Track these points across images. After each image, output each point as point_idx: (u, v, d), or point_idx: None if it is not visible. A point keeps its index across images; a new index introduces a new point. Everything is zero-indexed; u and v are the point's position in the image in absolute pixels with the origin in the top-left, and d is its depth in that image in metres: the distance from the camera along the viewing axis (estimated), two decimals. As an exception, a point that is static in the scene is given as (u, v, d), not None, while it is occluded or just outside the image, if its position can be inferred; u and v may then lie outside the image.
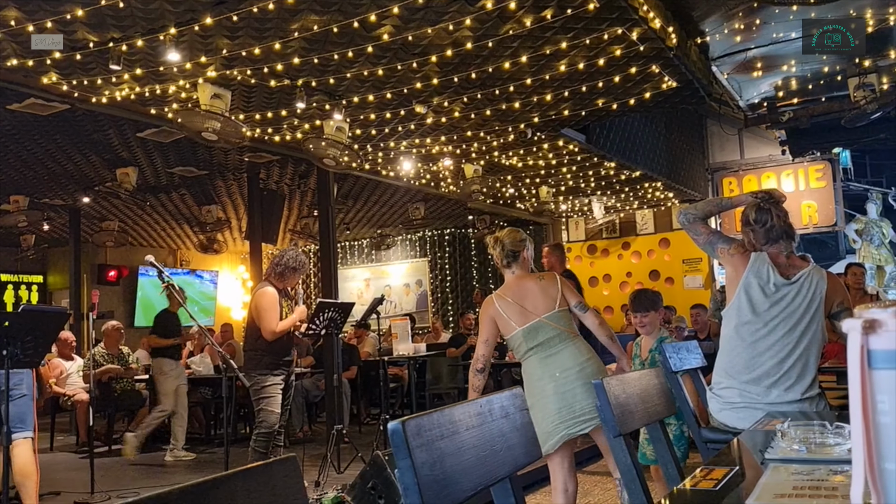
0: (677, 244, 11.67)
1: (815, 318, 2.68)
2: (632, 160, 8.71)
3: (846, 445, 1.49)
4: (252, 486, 0.81)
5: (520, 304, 3.46)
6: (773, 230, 2.77)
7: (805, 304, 2.68)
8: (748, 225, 2.84)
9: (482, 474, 1.30)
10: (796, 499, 1.17)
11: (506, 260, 3.57)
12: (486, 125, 6.89)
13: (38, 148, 7.38)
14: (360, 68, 5.28)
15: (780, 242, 2.77)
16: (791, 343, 2.67)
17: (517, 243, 3.56)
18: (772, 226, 2.78)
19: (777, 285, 2.70)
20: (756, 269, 2.74)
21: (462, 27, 4.67)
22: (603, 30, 4.85)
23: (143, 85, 5.46)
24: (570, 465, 3.45)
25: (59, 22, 4.36)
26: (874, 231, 13.48)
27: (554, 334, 3.42)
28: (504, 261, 3.58)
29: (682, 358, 3.16)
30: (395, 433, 1.13)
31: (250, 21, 4.48)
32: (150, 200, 10.13)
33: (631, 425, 1.91)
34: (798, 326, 2.67)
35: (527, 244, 3.61)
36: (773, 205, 2.82)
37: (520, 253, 3.56)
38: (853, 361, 0.76)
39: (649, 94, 6.17)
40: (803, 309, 2.68)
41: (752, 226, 2.81)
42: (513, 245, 3.55)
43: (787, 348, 2.67)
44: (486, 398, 1.45)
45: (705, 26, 6.08)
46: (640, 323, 4.12)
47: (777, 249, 2.78)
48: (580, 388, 3.33)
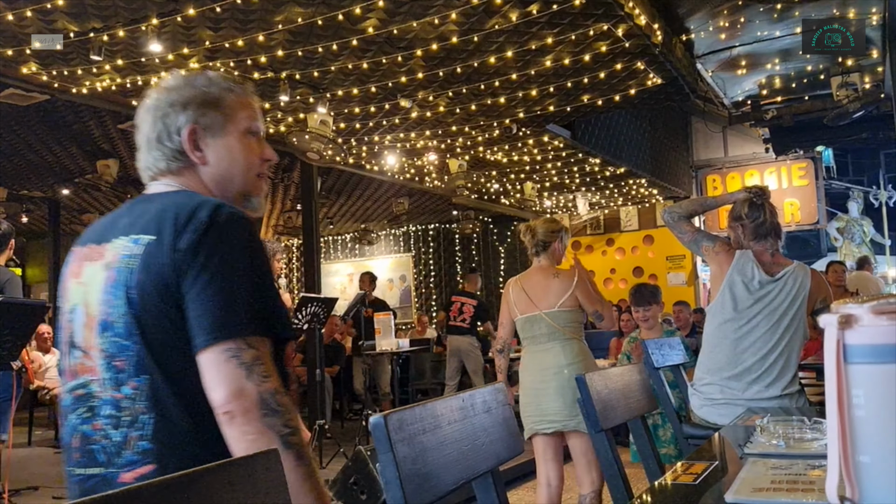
0: (661, 241, 11.74)
1: (797, 315, 2.70)
2: (616, 157, 8.74)
3: (824, 441, 1.51)
4: (233, 478, 0.81)
5: (528, 293, 3.49)
6: (763, 226, 2.78)
7: (788, 301, 2.70)
8: (739, 220, 2.83)
9: (464, 468, 1.30)
10: (774, 492, 1.18)
11: (535, 249, 3.59)
12: (472, 120, 6.88)
13: (18, 139, 7.29)
14: (345, 61, 5.26)
15: (767, 240, 2.78)
16: (773, 340, 2.69)
17: (550, 234, 3.56)
18: (762, 221, 2.78)
19: (761, 283, 2.72)
20: (741, 266, 2.75)
21: (447, 21, 4.66)
22: (589, 26, 4.86)
23: (124, 76, 5.40)
24: (554, 457, 3.45)
25: (39, 11, 4.30)
26: (855, 229, 13.62)
27: (547, 331, 3.43)
28: (533, 249, 3.60)
29: (665, 354, 3.18)
30: (377, 427, 1.13)
31: (234, 12, 4.44)
32: (132, 193, 10.05)
33: (613, 420, 1.92)
34: (781, 323, 2.69)
35: (561, 235, 3.60)
36: (766, 201, 2.83)
37: (551, 244, 3.57)
38: (829, 356, 0.77)
39: (634, 90, 6.19)
40: (786, 306, 2.69)
41: (743, 220, 2.81)
42: (545, 235, 3.56)
43: (768, 345, 2.68)
44: (468, 393, 1.45)
45: (690, 23, 6.10)
46: (642, 317, 4.15)
47: (762, 247, 2.78)
48: (553, 389, 3.35)
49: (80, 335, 1.25)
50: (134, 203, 1.33)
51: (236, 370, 1.13)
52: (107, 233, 1.28)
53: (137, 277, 1.18)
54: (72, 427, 1.24)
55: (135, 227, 1.24)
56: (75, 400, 1.24)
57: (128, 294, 1.18)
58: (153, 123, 1.34)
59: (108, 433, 1.19)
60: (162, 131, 1.33)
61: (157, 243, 1.19)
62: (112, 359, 1.20)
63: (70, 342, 1.27)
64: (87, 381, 1.23)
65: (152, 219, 1.22)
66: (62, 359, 1.30)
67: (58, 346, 1.36)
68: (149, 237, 1.20)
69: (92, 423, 1.21)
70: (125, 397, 1.18)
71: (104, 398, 1.20)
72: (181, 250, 1.17)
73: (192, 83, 1.36)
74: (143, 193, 1.36)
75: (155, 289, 1.17)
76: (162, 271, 1.17)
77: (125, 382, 1.18)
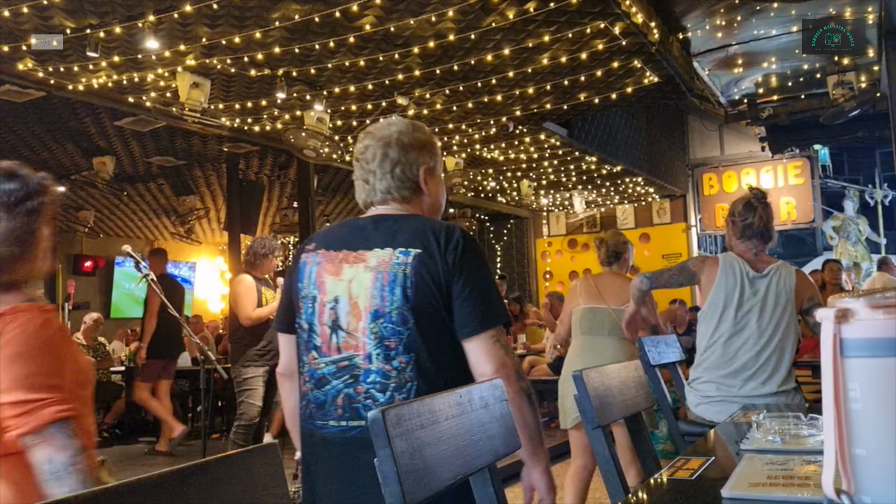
0: (657, 239, 11.76)
1: (786, 310, 2.74)
2: (613, 155, 8.75)
3: (819, 437, 1.51)
4: (232, 472, 0.81)
5: (598, 287, 3.78)
6: (750, 228, 2.84)
7: (776, 296, 2.74)
8: (731, 216, 2.91)
9: (461, 464, 1.31)
10: (770, 487, 1.18)
11: (608, 259, 3.91)
12: (468, 118, 6.88)
13: (13, 136, 7.27)
14: (342, 59, 5.25)
15: (752, 241, 2.85)
16: (766, 336, 2.71)
17: (620, 245, 3.91)
18: (750, 223, 2.84)
19: (749, 277, 2.76)
20: (728, 266, 2.81)
21: (445, 19, 4.66)
22: (585, 24, 4.86)
23: (120, 73, 5.39)
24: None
25: (35, 7, 4.29)
26: (851, 228, 13.67)
27: (609, 325, 3.67)
28: (607, 259, 3.92)
29: (661, 352, 3.19)
30: (375, 422, 1.13)
31: (230, 9, 4.44)
32: (128, 190, 10.02)
33: (609, 417, 1.93)
34: (772, 319, 2.72)
35: (629, 246, 3.96)
36: (762, 204, 2.87)
37: (622, 254, 3.89)
38: (826, 350, 0.78)
39: (631, 88, 6.20)
40: (774, 301, 2.73)
41: (735, 217, 2.88)
42: (616, 247, 3.90)
43: (761, 341, 2.71)
44: (465, 388, 1.45)
45: (687, 22, 6.11)
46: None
47: (745, 247, 2.86)
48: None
49: (345, 321, 1.62)
50: (374, 220, 1.71)
51: (500, 350, 1.60)
52: (359, 243, 1.66)
53: (412, 280, 1.58)
54: (335, 390, 1.61)
55: (396, 241, 1.63)
56: (339, 369, 1.62)
57: (405, 292, 1.58)
58: (395, 158, 1.71)
59: (373, 395, 1.58)
60: (405, 167, 1.71)
61: (427, 256, 1.60)
62: (383, 340, 1.58)
63: (332, 325, 1.63)
64: (351, 355, 1.61)
65: (412, 237, 1.63)
66: (312, 337, 1.66)
67: (301, 325, 1.69)
68: (416, 250, 1.60)
69: (355, 388, 1.60)
70: (393, 369, 1.58)
71: (368, 369, 1.59)
72: (449, 262, 1.59)
73: (421, 130, 1.77)
74: (380, 213, 1.73)
75: (429, 289, 1.58)
76: (435, 277, 1.58)
77: (395, 358, 1.58)
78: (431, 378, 1.58)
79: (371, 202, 1.75)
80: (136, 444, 7.29)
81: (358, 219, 1.76)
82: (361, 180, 1.75)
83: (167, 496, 0.73)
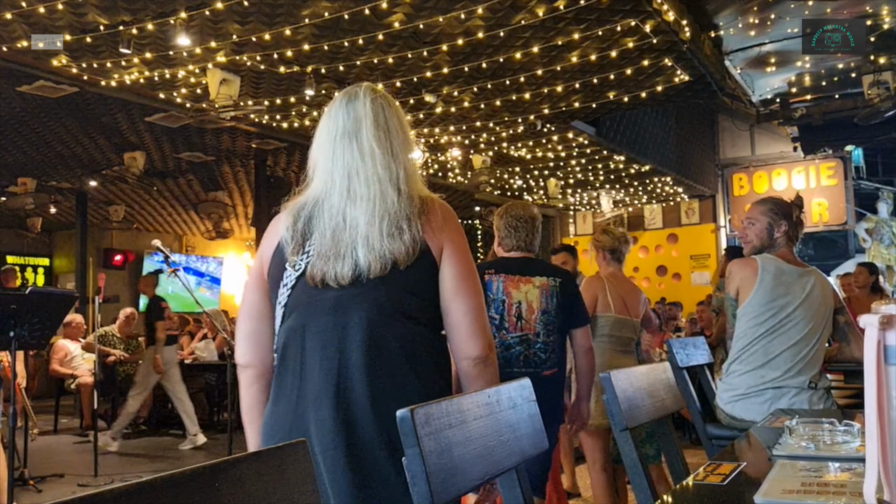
0: (685, 240, 11.64)
1: (824, 309, 2.77)
2: (641, 154, 8.67)
3: (854, 444, 1.49)
4: (262, 469, 0.81)
5: (622, 296, 3.73)
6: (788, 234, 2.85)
7: (818, 293, 2.75)
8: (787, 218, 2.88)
9: (490, 464, 1.30)
10: (805, 495, 1.16)
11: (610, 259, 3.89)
12: (496, 116, 6.86)
13: (47, 130, 7.39)
14: (370, 56, 5.26)
15: (796, 245, 2.90)
16: (806, 330, 2.73)
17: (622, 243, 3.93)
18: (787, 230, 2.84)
19: (790, 274, 2.75)
20: (767, 265, 2.79)
21: (474, 16, 4.64)
22: (616, 21, 4.82)
23: (152, 69, 5.45)
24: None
25: (69, 4, 4.35)
26: (885, 231, 13.39)
27: (632, 337, 3.71)
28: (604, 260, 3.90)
29: (689, 354, 3.15)
30: (403, 421, 1.12)
31: (261, 6, 4.47)
32: (157, 185, 10.14)
33: (638, 419, 1.91)
34: (815, 317, 2.73)
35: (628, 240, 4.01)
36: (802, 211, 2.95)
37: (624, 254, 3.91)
38: (870, 356, 0.76)
39: (661, 87, 6.13)
40: (820, 300, 2.75)
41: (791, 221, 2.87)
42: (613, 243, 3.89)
43: (805, 338, 2.73)
44: (494, 389, 1.44)
45: (719, 20, 6.03)
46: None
47: (789, 249, 2.88)
48: None
49: (525, 315, 2.84)
50: (529, 261, 2.97)
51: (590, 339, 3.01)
52: (526, 272, 2.90)
53: (558, 294, 2.89)
54: (518, 352, 2.83)
55: (546, 273, 2.94)
56: (521, 340, 2.84)
57: (558, 301, 2.88)
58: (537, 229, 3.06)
59: (539, 356, 2.85)
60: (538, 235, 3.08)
61: (562, 283, 2.92)
62: (546, 325, 2.87)
63: (517, 315, 2.85)
64: (526, 335, 2.84)
65: (548, 271, 2.97)
66: (502, 323, 2.86)
67: (492, 316, 2.81)
68: (555, 279, 2.92)
69: (529, 351, 2.84)
70: (550, 341, 2.87)
71: (536, 342, 2.85)
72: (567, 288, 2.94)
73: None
74: (527, 257, 2.97)
75: (565, 300, 2.90)
76: (576, 294, 3.01)
77: (551, 335, 2.87)
78: (564, 348, 2.93)
79: (517, 247, 2.98)
80: (164, 436, 7.38)
81: (515, 258, 2.96)
82: (514, 237, 2.98)
83: (199, 492, 0.73)
